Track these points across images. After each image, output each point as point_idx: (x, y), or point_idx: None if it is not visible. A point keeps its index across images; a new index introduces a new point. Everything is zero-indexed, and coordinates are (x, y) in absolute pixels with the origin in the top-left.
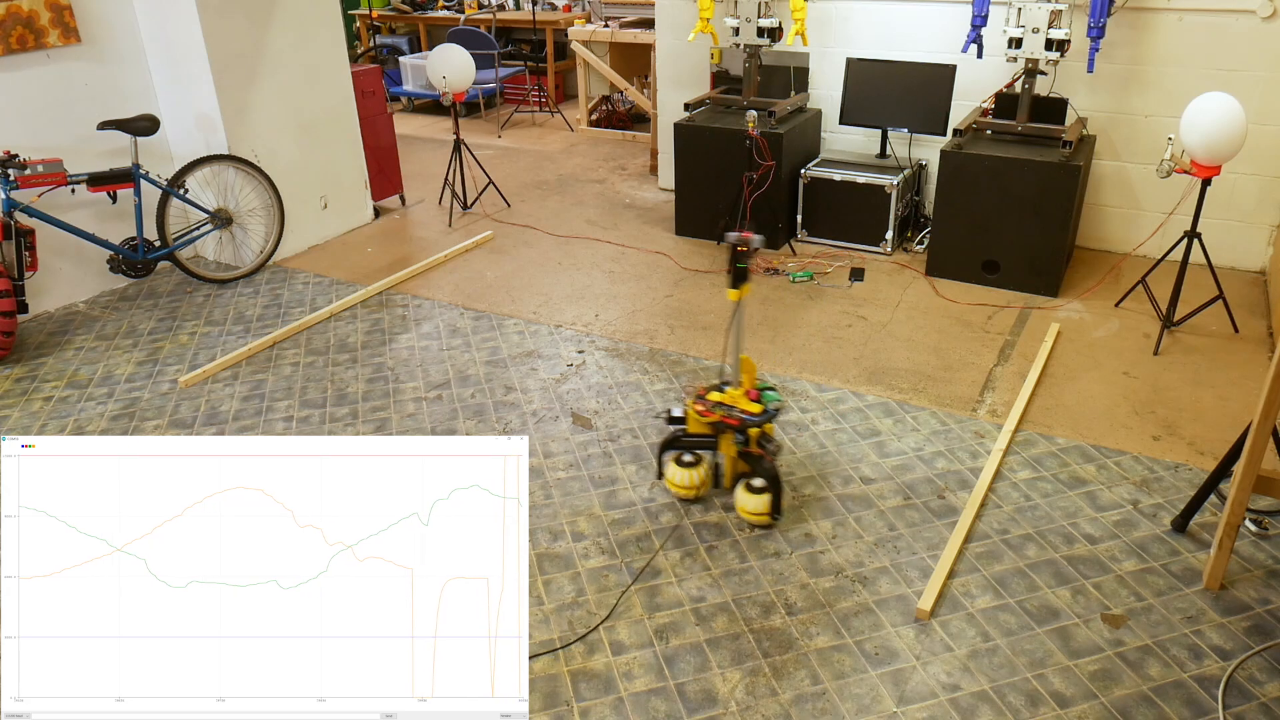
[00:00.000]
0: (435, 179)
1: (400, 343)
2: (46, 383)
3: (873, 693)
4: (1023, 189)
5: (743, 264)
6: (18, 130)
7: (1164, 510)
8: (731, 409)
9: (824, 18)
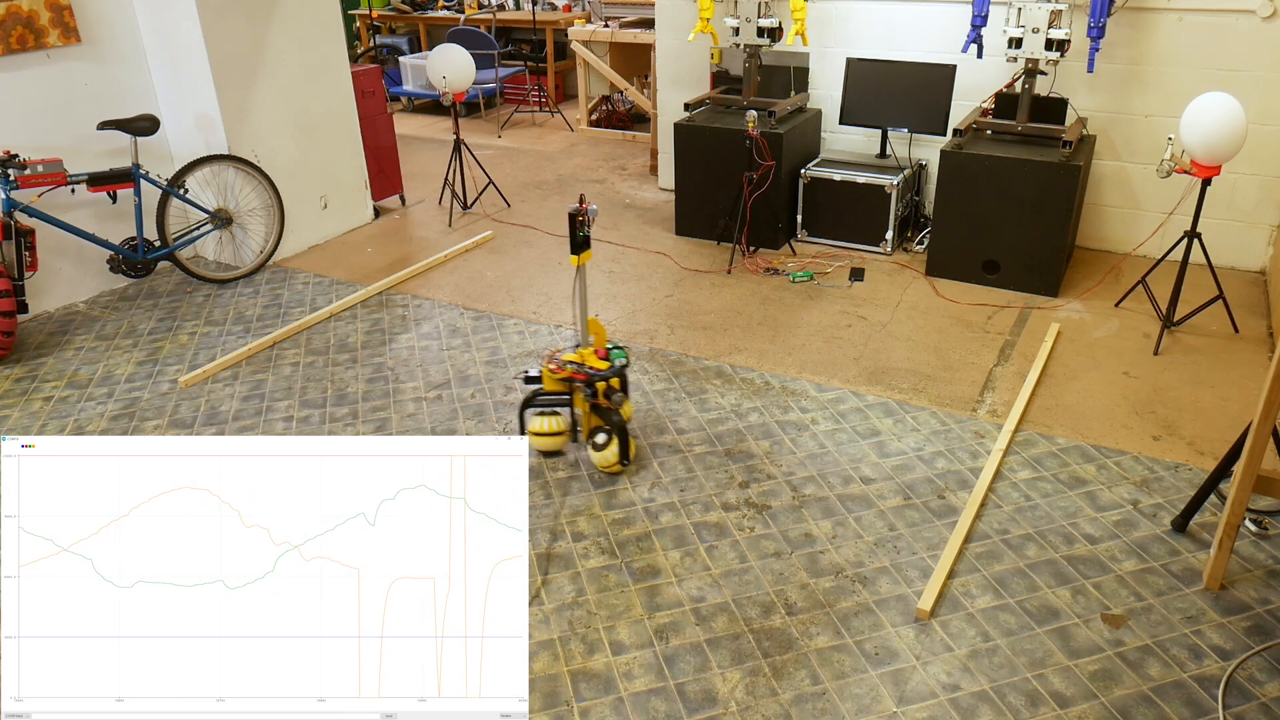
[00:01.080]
0: (435, 179)
1: (400, 343)
2: (46, 383)
3: (873, 693)
4: (1023, 189)
5: (582, 232)
6: (18, 130)
7: (1164, 510)
8: (581, 366)
9: (824, 18)
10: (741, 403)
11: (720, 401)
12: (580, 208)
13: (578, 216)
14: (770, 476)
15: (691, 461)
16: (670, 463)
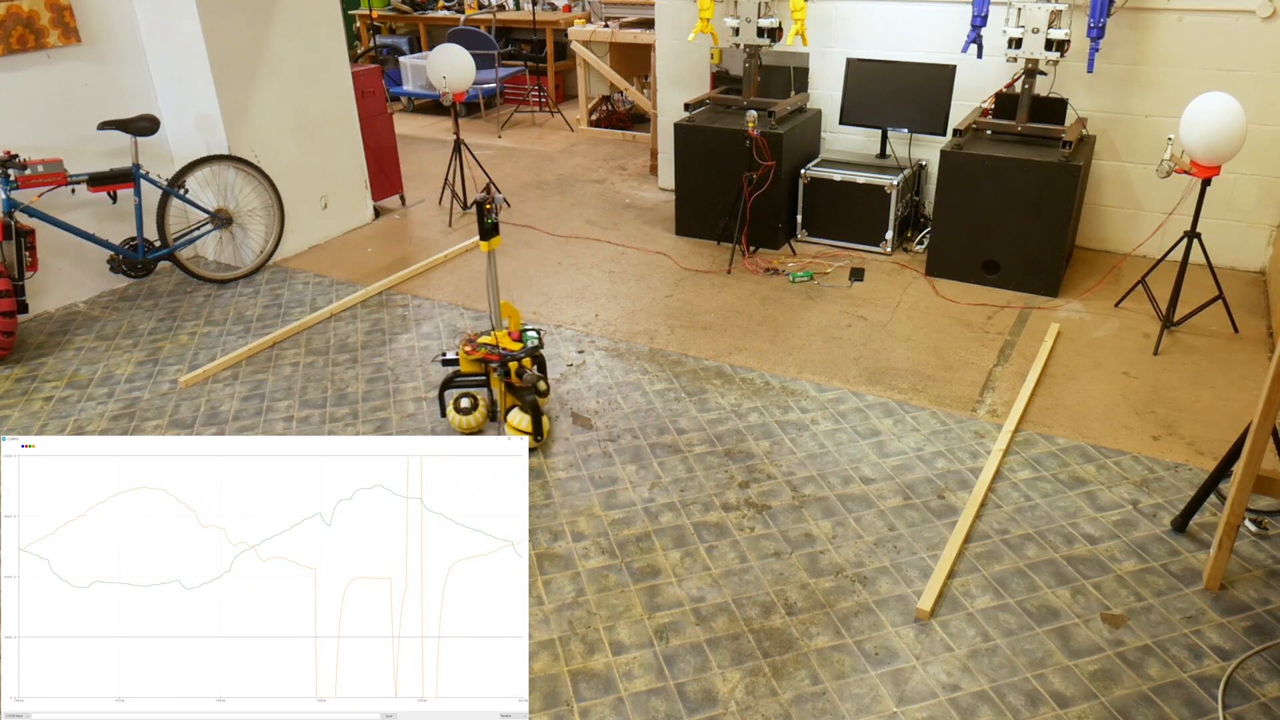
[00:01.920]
0: (435, 179)
1: (400, 343)
2: (46, 383)
3: (873, 693)
4: (1023, 189)
5: (489, 220)
6: (18, 130)
7: (1164, 510)
8: (495, 347)
9: (824, 18)
10: (741, 403)
11: (720, 401)
12: (488, 196)
13: (485, 205)
14: (770, 476)
15: (691, 461)
16: (670, 463)
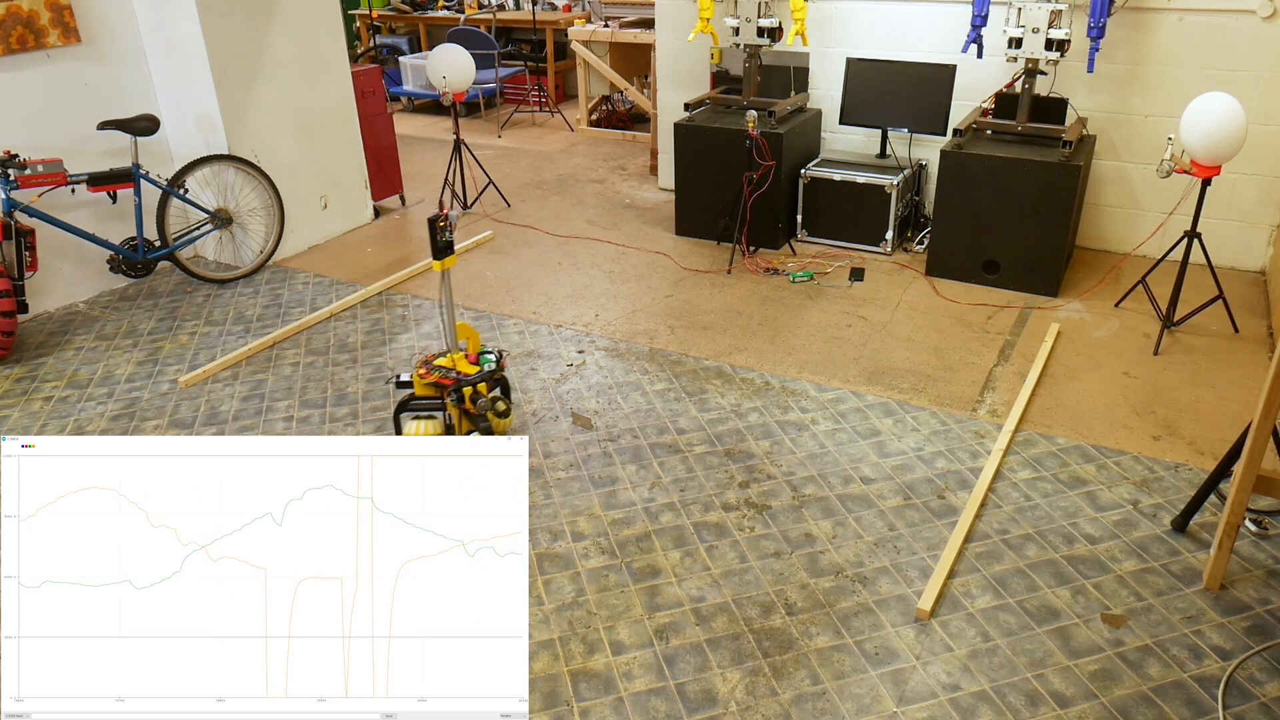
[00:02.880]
0: (435, 179)
1: (400, 343)
2: (46, 383)
3: (873, 693)
4: (1023, 189)
5: (443, 238)
6: (18, 130)
7: (1164, 510)
8: (449, 371)
9: (824, 18)
10: (741, 403)
11: (720, 401)
12: (440, 214)
13: (438, 223)
14: (770, 476)
15: (691, 461)
16: (670, 463)
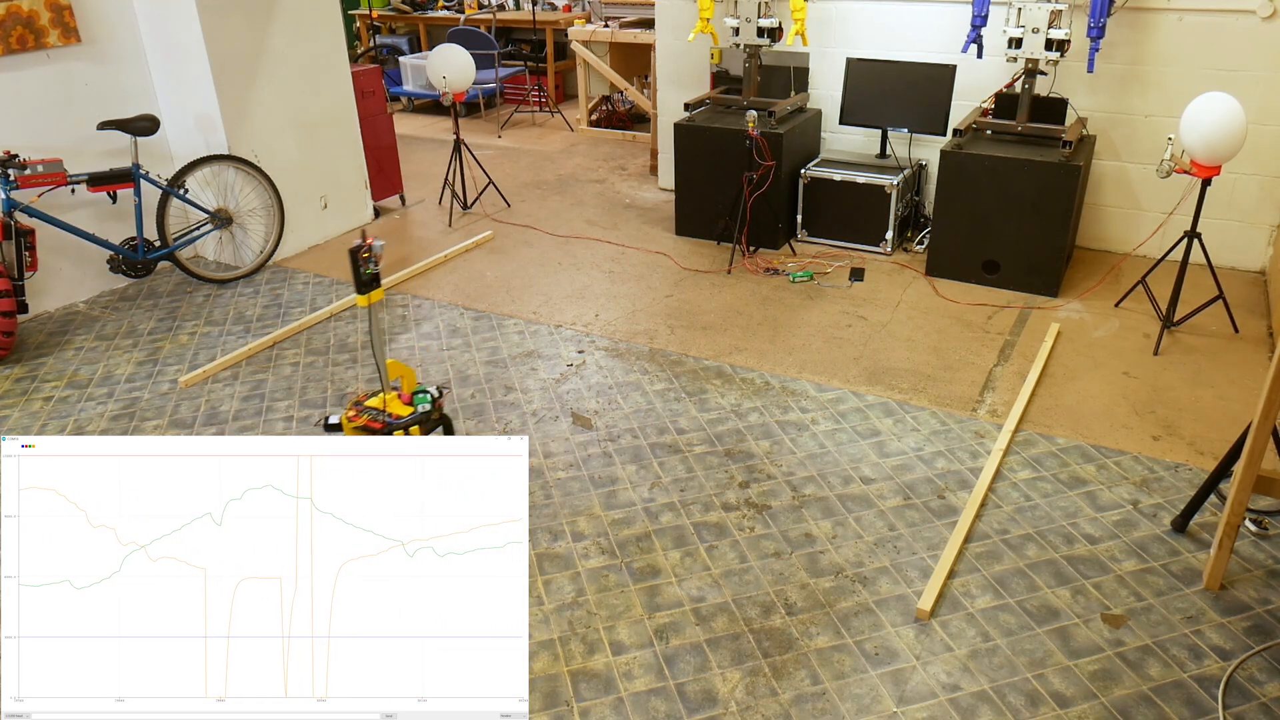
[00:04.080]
0: (435, 179)
1: (400, 343)
2: (46, 383)
3: (873, 693)
4: (1023, 189)
5: (366, 271)
6: (18, 130)
7: (1164, 510)
8: (380, 413)
9: (824, 18)
10: (741, 403)
11: (720, 401)
12: (363, 244)
13: (360, 254)
14: (770, 476)
15: (691, 461)
16: (670, 463)
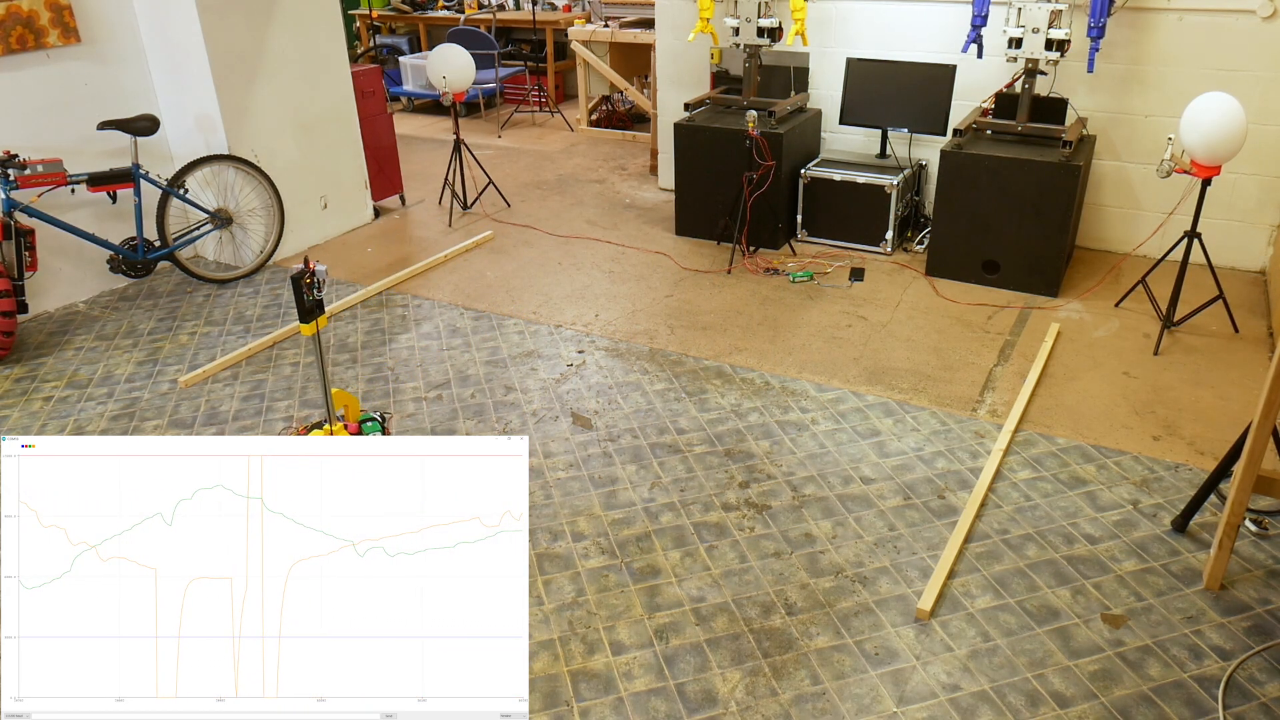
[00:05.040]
0: (435, 179)
1: (400, 343)
2: (46, 383)
3: (873, 693)
4: (1023, 189)
5: (309, 297)
6: (18, 130)
7: (1164, 510)
8: None
9: (824, 18)
10: (741, 403)
11: (720, 401)
12: (306, 269)
13: (304, 279)
14: (770, 476)
15: (691, 461)
16: (670, 463)
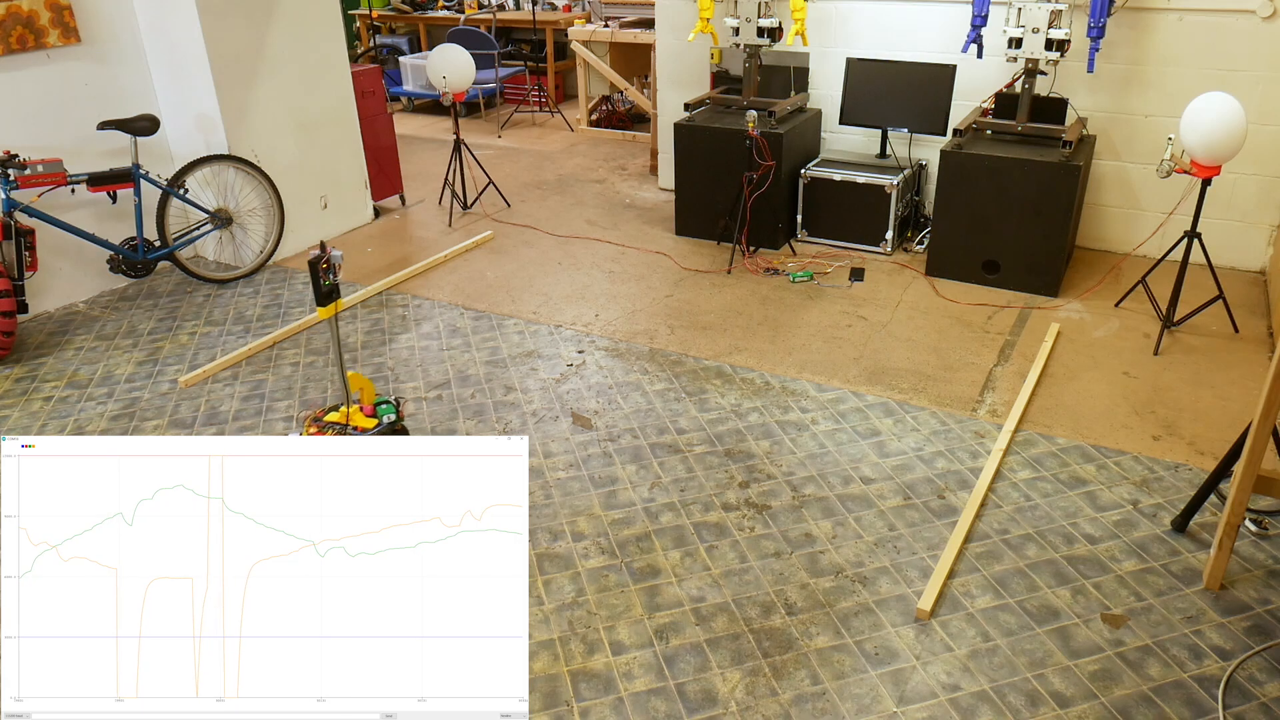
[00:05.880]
0: (435, 179)
1: (400, 343)
2: (46, 383)
3: (873, 693)
4: (1023, 189)
5: (326, 282)
6: (18, 130)
7: (1164, 510)
8: (343, 426)
9: (824, 18)
10: (741, 403)
11: (720, 401)
12: (322, 255)
13: (320, 264)
14: (770, 476)
15: (691, 461)
16: (670, 463)
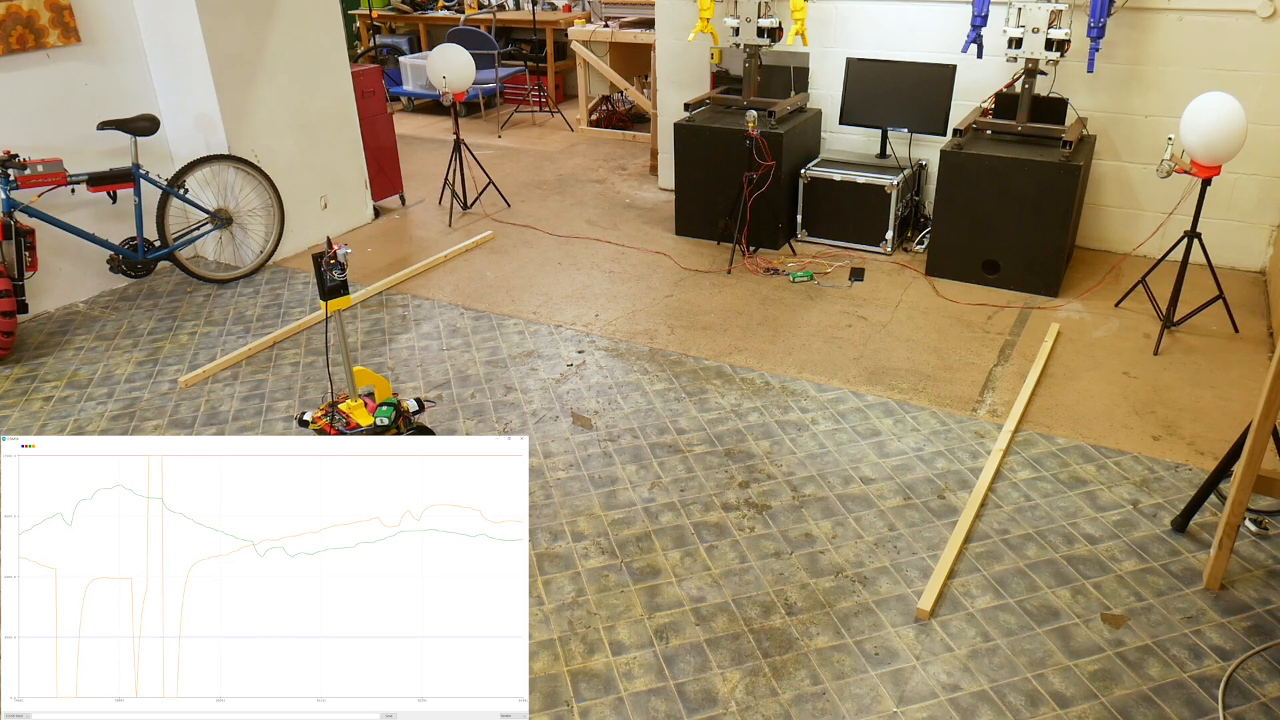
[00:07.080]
0: (435, 179)
1: (400, 343)
2: (46, 383)
3: (873, 693)
4: (1023, 189)
5: (334, 277)
6: (18, 130)
7: (1164, 510)
8: (343, 418)
9: (824, 18)
10: (741, 403)
11: (720, 401)
12: (329, 250)
13: (326, 260)
14: (770, 476)
15: (691, 461)
16: (670, 463)
